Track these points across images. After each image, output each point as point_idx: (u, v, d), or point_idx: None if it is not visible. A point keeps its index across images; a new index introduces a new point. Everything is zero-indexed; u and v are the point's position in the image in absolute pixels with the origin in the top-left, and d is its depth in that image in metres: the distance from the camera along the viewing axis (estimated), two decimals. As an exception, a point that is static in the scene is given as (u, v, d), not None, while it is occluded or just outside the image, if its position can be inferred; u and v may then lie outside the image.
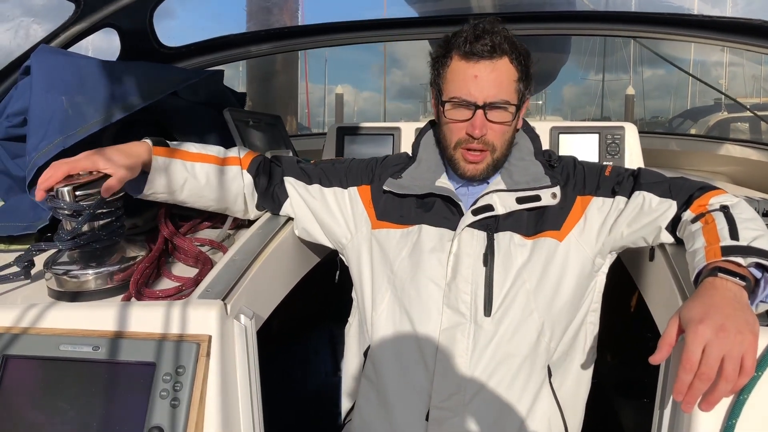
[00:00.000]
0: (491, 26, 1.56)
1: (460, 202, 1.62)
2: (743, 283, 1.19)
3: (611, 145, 2.16)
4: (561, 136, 2.19)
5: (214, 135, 2.09)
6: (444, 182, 1.68)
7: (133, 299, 1.44)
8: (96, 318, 1.33)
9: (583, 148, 2.18)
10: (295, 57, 9.03)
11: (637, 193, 1.57)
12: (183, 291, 1.48)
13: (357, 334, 1.78)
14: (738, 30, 2.42)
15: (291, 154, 2.28)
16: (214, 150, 1.73)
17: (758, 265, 1.24)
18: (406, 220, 1.69)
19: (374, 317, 1.66)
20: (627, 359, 3.13)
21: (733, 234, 1.31)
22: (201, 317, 1.31)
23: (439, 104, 1.64)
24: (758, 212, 1.62)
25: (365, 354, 1.69)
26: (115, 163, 1.47)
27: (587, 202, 1.63)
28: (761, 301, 1.24)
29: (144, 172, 1.58)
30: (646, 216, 1.56)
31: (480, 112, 1.55)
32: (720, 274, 1.21)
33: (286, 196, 1.79)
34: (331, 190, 1.78)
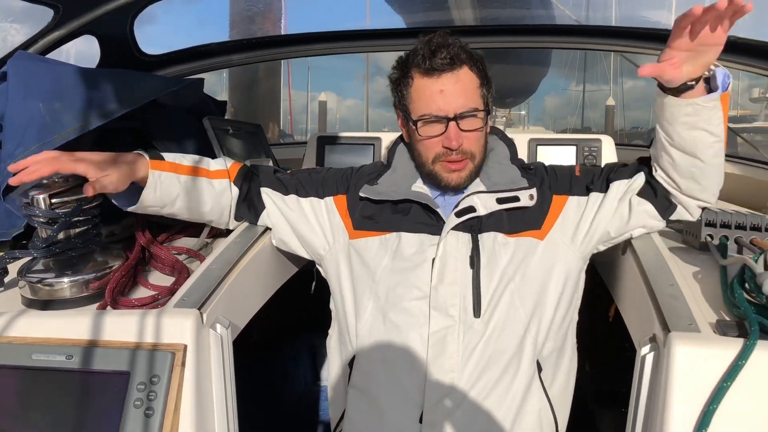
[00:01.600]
0: (443, 39, 1.59)
1: (437, 209, 1.64)
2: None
3: (588, 157, 2.19)
4: (539, 147, 2.22)
5: (194, 144, 2.08)
6: (420, 187, 1.70)
7: (108, 308, 1.43)
8: (70, 326, 1.32)
9: (560, 159, 2.20)
10: (278, 65, 9.05)
11: (611, 185, 1.65)
12: (159, 300, 1.48)
13: (338, 345, 1.77)
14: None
15: (271, 163, 2.28)
16: (204, 162, 1.73)
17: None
18: (382, 226, 1.69)
19: (358, 327, 1.66)
20: (606, 369, 3.15)
21: None
22: (177, 326, 1.30)
23: (410, 124, 1.66)
24: (745, 226, 1.66)
25: (350, 364, 1.68)
26: (110, 174, 1.46)
27: (564, 202, 1.69)
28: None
29: (133, 184, 1.57)
30: (619, 197, 1.65)
31: (452, 124, 1.58)
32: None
33: (263, 207, 1.78)
34: (307, 201, 1.78)
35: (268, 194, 1.78)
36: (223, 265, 1.55)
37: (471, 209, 1.62)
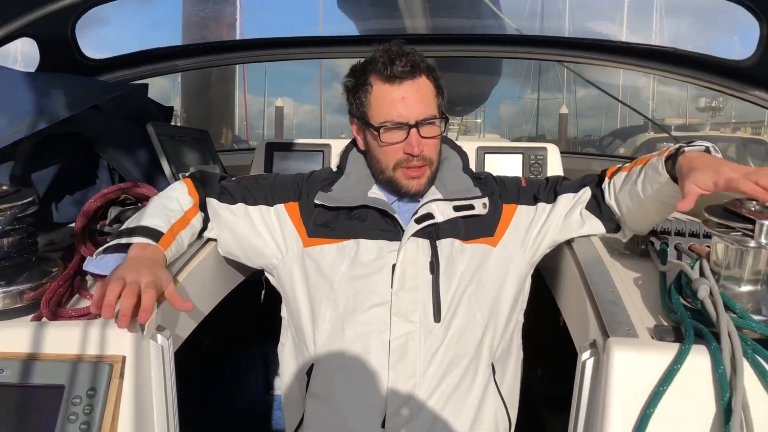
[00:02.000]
0: (401, 48, 1.63)
1: (395, 214, 1.65)
2: (703, 148, 1.41)
3: (534, 165, 2.22)
4: (487, 155, 2.24)
5: (139, 150, 2.04)
6: (376, 193, 1.70)
7: (44, 319, 1.38)
8: (3, 339, 1.27)
9: (507, 167, 2.24)
10: (232, 70, 8.95)
11: (558, 197, 1.74)
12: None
13: (293, 353, 1.75)
14: (651, 56, 2.56)
15: (218, 169, 2.25)
16: (180, 205, 1.67)
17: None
18: (339, 233, 1.68)
19: (316, 336, 1.64)
20: (556, 374, 3.19)
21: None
22: (115, 337, 1.27)
23: (368, 130, 1.68)
24: (684, 233, 1.73)
25: (308, 372, 1.67)
26: (164, 284, 1.40)
27: (513, 210, 1.76)
28: None
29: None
30: (567, 210, 1.73)
31: (414, 131, 1.61)
32: (685, 150, 1.41)
33: (208, 219, 1.74)
34: (256, 209, 1.74)
35: (213, 206, 1.74)
36: None
37: (429, 216, 1.65)
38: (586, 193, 1.74)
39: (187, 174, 1.82)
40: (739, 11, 2.15)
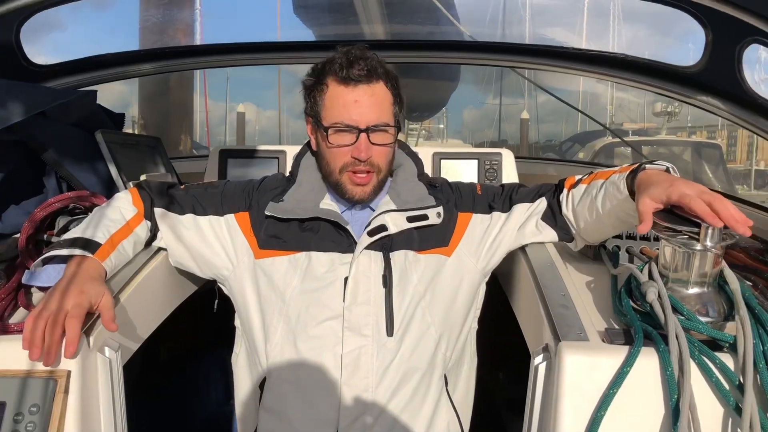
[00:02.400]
0: (362, 52, 1.60)
1: (347, 226, 1.63)
2: (663, 168, 1.43)
3: (489, 170, 2.24)
4: (442, 161, 2.25)
5: (88, 158, 1.99)
6: (328, 204, 1.67)
7: (-16, 334, 1.33)
8: (-60, 355, 1.23)
9: (463, 173, 2.25)
10: (190, 75, 8.82)
11: (513, 207, 1.74)
12: (43, 324, 1.39)
13: (247, 365, 1.72)
14: (602, 62, 2.61)
15: (171, 177, 2.21)
16: (122, 215, 1.62)
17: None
18: (291, 245, 1.65)
19: (268, 349, 1.61)
20: (517, 377, 3.21)
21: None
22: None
23: (320, 131, 1.64)
24: (635, 236, 1.75)
25: (261, 386, 1.64)
26: (100, 301, 1.34)
27: (468, 219, 1.74)
28: None
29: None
30: (523, 220, 1.74)
31: (363, 135, 1.58)
32: (647, 167, 1.43)
33: (157, 229, 1.70)
34: (206, 219, 1.70)
35: (160, 216, 1.69)
36: (114, 286, 1.48)
37: (383, 228, 1.62)
38: (541, 203, 1.74)
39: (133, 183, 1.76)
40: (691, 19, 2.19)
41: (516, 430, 1.36)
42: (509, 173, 2.25)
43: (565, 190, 1.72)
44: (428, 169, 2.26)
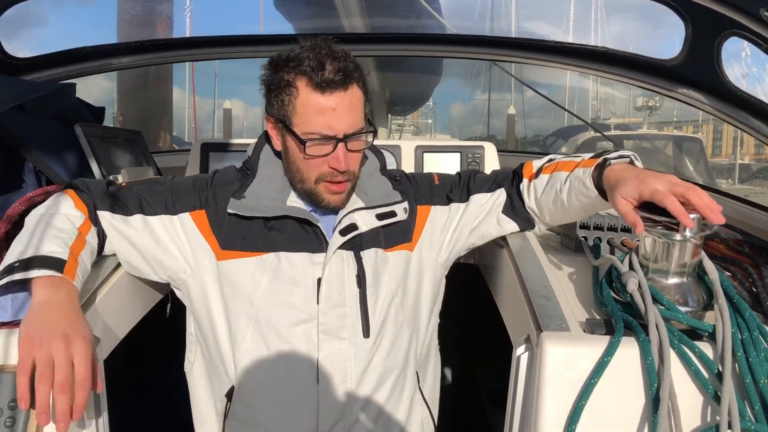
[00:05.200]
0: (330, 50, 1.49)
1: (318, 224, 1.55)
2: (627, 159, 1.47)
3: (472, 163, 2.25)
4: (425, 154, 2.26)
5: (67, 152, 1.96)
6: (295, 202, 1.59)
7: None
8: None
9: (445, 166, 2.26)
10: (168, 69, 8.72)
11: (471, 197, 1.71)
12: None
13: (205, 374, 1.63)
14: (583, 55, 2.62)
15: (152, 171, 2.19)
16: (70, 222, 1.43)
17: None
18: (257, 246, 1.55)
19: (236, 357, 1.53)
20: (500, 370, 3.23)
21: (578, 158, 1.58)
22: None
23: (289, 136, 1.53)
24: (616, 228, 1.76)
25: (228, 396, 1.57)
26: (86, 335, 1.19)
27: (427, 212, 1.71)
28: None
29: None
30: (483, 214, 1.71)
31: (342, 145, 1.49)
32: (611, 162, 1.45)
33: (104, 234, 1.53)
34: (157, 219, 1.55)
35: (106, 219, 1.52)
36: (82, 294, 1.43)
37: (353, 227, 1.57)
38: (501, 196, 1.71)
39: (67, 183, 1.58)
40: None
41: (499, 422, 1.37)
42: (492, 166, 2.26)
43: (525, 180, 1.69)
44: (411, 163, 2.26)
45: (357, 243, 1.58)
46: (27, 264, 1.27)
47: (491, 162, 2.26)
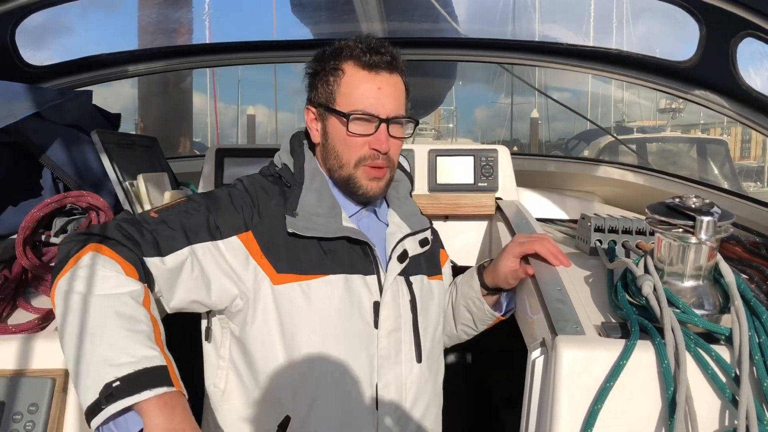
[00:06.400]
0: (380, 42, 1.51)
1: (374, 246, 1.53)
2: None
3: (485, 167, 2.24)
4: (438, 158, 2.25)
5: (84, 158, 1.98)
6: (350, 222, 1.54)
7: (-19, 334, 1.33)
8: (-61, 356, 1.23)
9: (459, 170, 2.25)
10: (187, 75, 8.77)
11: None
12: (40, 323, 1.39)
13: (247, 403, 1.48)
14: (596, 58, 2.61)
15: (167, 177, 2.21)
16: (135, 303, 1.22)
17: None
18: (315, 268, 1.46)
19: (296, 385, 1.43)
20: (514, 375, 3.22)
21: None
22: (56, 351, 1.24)
23: (332, 118, 1.51)
24: (631, 231, 1.74)
25: (283, 426, 1.43)
26: None
27: (446, 258, 1.86)
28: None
29: None
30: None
31: (384, 126, 1.49)
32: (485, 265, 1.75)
33: (155, 285, 1.35)
34: (202, 247, 1.39)
35: (155, 266, 1.33)
36: None
37: (405, 252, 1.58)
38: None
39: (89, 237, 1.29)
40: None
41: (514, 426, 1.37)
42: (505, 170, 2.25)
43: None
44: (425, 166, 2.26)
45: (406, 268, 1.58)
46: (130, 384, 1.09)
47: (505, 166, 2.25)
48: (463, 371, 4.00)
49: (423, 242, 1.66)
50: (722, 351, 1.17)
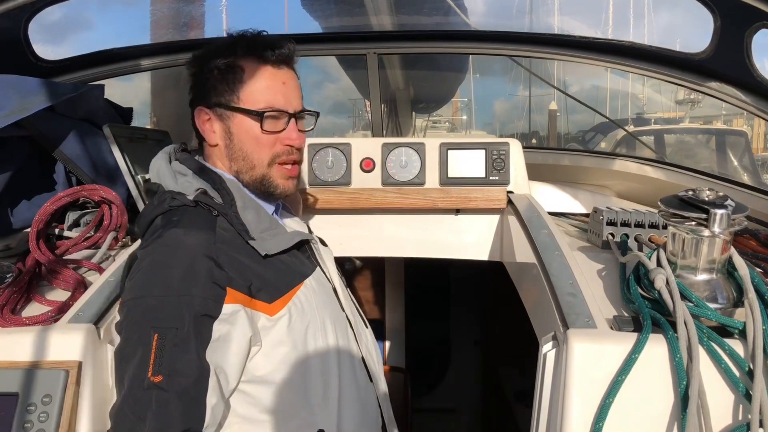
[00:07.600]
0: (274, 37, 1.47)
1: (315, 240, 1.63)
2: None
3: (497, 160, 2.22)
4: (450, 152, 2.24)
5: (96, 152, 2.00)
6: (293, 224, 1.60)
7: (-4, 326, 1.35)
8: (-47, 348, 1.24)
9: (470, 163, 2.23)
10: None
11: None
12: (54, 316, 1.41)
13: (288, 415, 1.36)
14: (608, 50, 2.59)
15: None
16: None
17: None
18: (287, 283, 1.40)
19: (326, 386, 1.39)
20: (525, 370, 3.22)
21: None
22: (69, 343, 1.26)
23: (236, 118, 1.42)
24: (644, 224, 1.72)
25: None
26: None
27: None
28: None
29: None
30: None
31: (293, 121, 1.46)
32: None
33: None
34: (214, 326, 1.25)
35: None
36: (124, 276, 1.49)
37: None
38: None
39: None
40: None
41: (525, 419, 1.36)
42: (517, 163, 2.23)
43: None
44: (435, 160, 2.25)
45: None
46: None
47: (516, 159, 2.23)
48: (473, 365, 4.01)
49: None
50: (736, 345, 1.16)
